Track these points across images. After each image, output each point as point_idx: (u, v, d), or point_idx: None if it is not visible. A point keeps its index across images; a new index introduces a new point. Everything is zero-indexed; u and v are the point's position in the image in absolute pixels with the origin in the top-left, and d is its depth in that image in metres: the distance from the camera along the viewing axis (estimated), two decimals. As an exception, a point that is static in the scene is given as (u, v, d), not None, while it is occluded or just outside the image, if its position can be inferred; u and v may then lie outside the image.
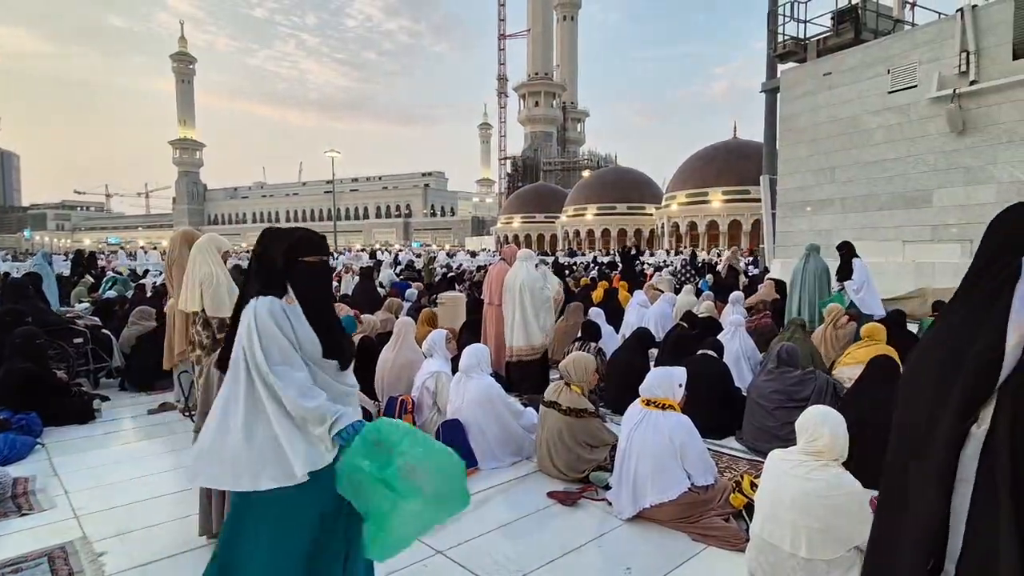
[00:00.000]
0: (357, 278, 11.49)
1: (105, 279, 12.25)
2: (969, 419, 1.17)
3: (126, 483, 3.77)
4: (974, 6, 10.48)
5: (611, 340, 6.61)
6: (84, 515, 3.30)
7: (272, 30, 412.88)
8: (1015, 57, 9.88)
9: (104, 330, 6.64)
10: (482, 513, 3.31)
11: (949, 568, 1.21)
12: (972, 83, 10.35)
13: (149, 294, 9.13)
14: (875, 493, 3.19)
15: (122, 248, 45.64)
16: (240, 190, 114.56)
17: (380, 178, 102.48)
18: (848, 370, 4.90)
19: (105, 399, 5.60)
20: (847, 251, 7.45)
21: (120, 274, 14.17)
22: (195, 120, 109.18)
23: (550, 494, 3.49)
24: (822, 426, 2.34)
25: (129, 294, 9.86)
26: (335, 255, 40.76)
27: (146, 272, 16.65)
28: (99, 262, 17.59)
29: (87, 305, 9.40)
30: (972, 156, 10.56)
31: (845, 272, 7.27)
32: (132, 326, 6.57)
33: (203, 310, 4.28)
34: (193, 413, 4.71)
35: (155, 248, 46.20)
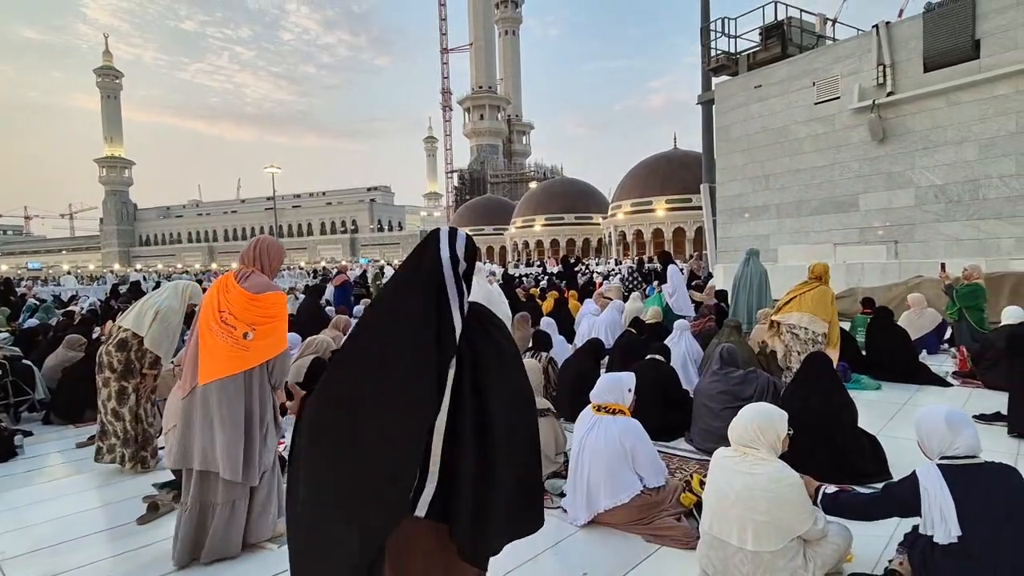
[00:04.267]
0: (303, 296, 11.19)
1: (25, 306, 11.52)
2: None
3: (52, 523, 3.52)
4: (888, 23, 11.23)
5: (562, 349, 6.66)
6: (6, 560, 3.06)
7: (203, 43, 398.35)
8: (926, 70, 10.62)
9: (25, 361, 6.22)
10: (437, 529, 3.25)
11: None
12: (889, 94, 11.06)
13: (76, 321, 8.62)
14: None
15: (38, 278, 42.64)
16: (174, 209, 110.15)
17: (324, 194, 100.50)
18: (792, 316, 5.29)
19: (28, 434, 5.23)
20: (665, 259, 9.03)
21: (42, 301, 13.36)
22: (123, 137, 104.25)
23: (505, 505, 3.46)
24: (751, 421, 2.46)
25: (53, 322, 9.29)
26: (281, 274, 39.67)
27: (72, 298, 15.71)
28: (19, 289, 16.49)
29: (6, 335, 8.78)
30: (892, 162, 11.26)
31: (663, 278, 8.72)
32: (57, 356, 6.20)
33: (138, 337, 4.10)
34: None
35: (68, 273, 43.58)
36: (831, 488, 2.51)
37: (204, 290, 3.43)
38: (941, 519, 2.06)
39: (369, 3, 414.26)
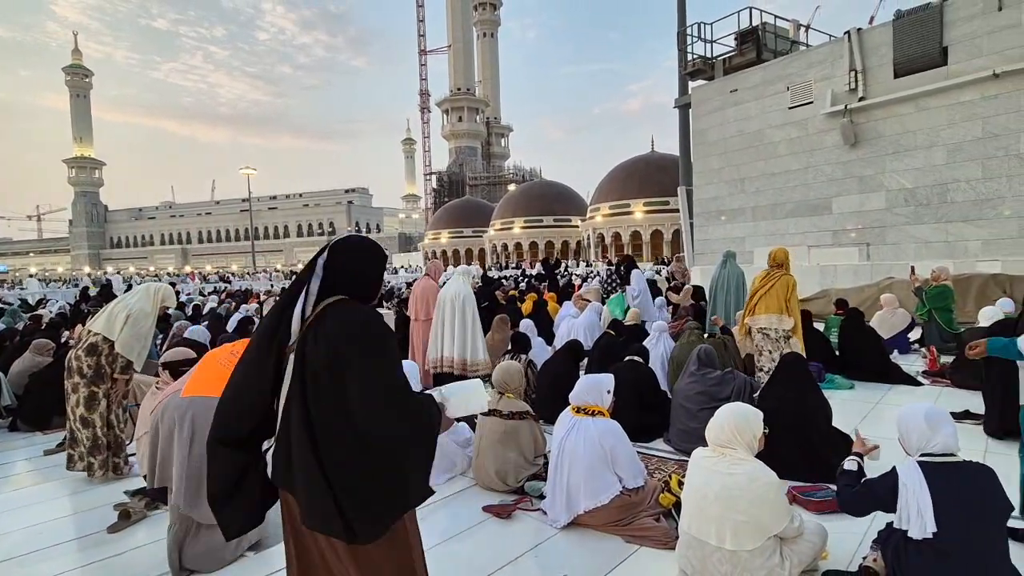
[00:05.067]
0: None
1: (-9, 310, 11.20)
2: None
3: (20, 532, 3.42)
4: (859, 29, 11.47)
5: (541, 351, 6.66)
6: (-32, 572, 2.96)
7: (176, 42, 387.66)
8: (896, 76, 10.88)
9: (-10, 366, 6.04)
10: (416, 533, 3.22)
11: None
12: (860, 99, 11.30)
13: (44, 325, 8.39)
14: (791, 483, 3.39)
15: (3, 281, 41.41)
16: (146, 210, 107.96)
17: (301, 195, 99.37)
18: (761, 319, 5.38)
19: (-7, 442, 5.08)
20: (628, 263, 9.33)
21: (8, 304, 12.99)
22: (93, 137, 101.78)
23: (485, 508, 3.45)
24: (727, 421, 2.49)
25: (19, 326, 9.03)
26: (250, 275, 39.13)
27: (40, 301, 15.29)
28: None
29: (-30, 339, 8.51)
30: (864, 166, 11.50)
31: (627, 280, 8.92)
32: (24, 361, 6.03)
33: (109, 341, 4.00)
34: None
35: (32, 276, 42.42)
36: (850, 465, 2.50)
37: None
38: (918, 515, 2.09)
39: (346, 3, 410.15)
